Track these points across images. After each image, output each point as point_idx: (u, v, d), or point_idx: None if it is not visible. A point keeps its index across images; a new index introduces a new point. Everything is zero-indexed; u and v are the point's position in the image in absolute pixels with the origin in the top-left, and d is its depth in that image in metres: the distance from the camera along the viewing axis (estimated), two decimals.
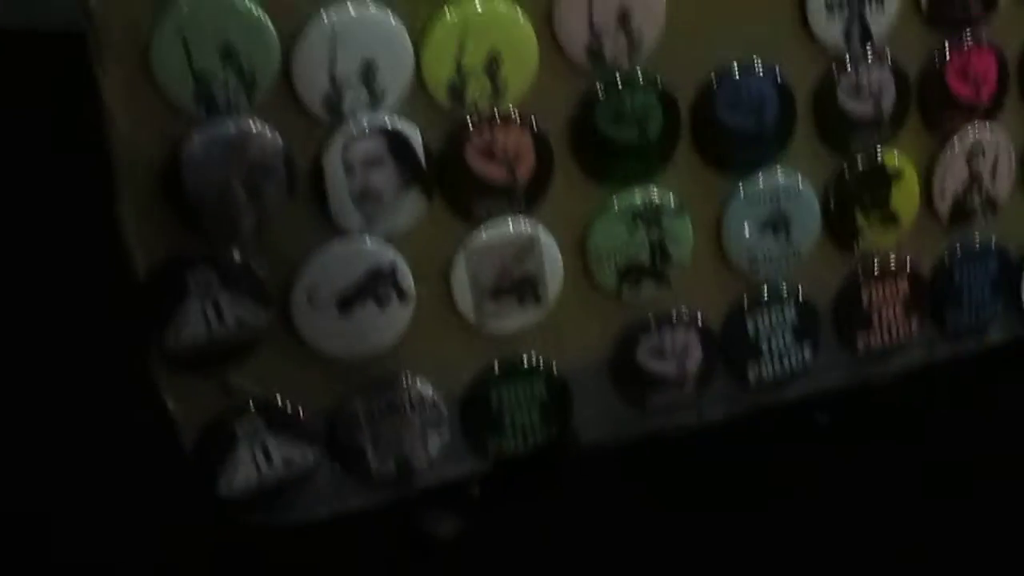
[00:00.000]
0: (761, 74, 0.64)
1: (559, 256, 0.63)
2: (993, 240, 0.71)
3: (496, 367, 0.64)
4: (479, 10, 0.59)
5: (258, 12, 0.56)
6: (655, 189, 0.64)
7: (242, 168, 0.57)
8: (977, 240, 0.71)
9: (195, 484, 0.62)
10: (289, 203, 0.59)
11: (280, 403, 0.62)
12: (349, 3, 0.57)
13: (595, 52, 0.61)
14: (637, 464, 0.67)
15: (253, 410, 0.61)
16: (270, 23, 0.56)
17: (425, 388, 0.63)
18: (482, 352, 0.64)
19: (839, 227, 0.67)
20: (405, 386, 0.63)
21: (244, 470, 0.62)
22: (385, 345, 0.62)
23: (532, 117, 0.61)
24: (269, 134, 0.57)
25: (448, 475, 0.65)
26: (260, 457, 0.62)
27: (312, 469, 0.63)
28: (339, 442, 0.63)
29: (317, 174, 0.59)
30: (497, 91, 0.60)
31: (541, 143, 0.61)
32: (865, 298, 0.69)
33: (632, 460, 0.68)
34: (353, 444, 0.63)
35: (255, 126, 0.57)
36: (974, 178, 0.69)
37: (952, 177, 0.69)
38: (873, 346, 0.70)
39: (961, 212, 0.70)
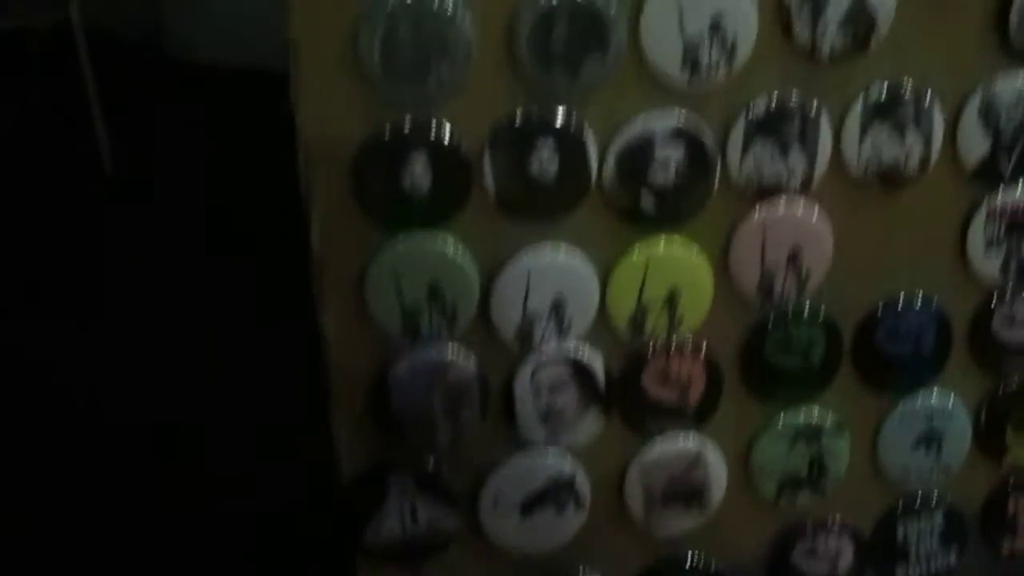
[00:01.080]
0: (920, 305, 0.68)
1: (724, 467, 0.69)
2: None
3: (660, 565, 0.70)
4: (662, 252, 0.64)
5: (463, 257, 0.62)
6: (816, 409, 0.69)
7: (441, 390, 0.64)
8: None
9: None
10: (481, 421, 0.65)
11: None
12: (543, 247, 0.63)
13: (766, 288, 0.66)
14: None
15: None
16: (474, 266, 0.62)
17: None
18: (648, 550, 0.70)
19: (989, 442, 0.72)
20: None
21: None
22: (561, 544, 0.68)
23: (705, 345, 0.67)
24: (466, 361, 0.64)
25: None
26: None
27: None
28: None
29: (507, 395, 0.65)
30: (674, 323, 0.66)
31: (712, 369, 0.67)
32: (1012, 506, 0.73)
33: None
34: None
35: (454, 354, 0.64)
36: None
37: None
38: (1017, 550, 0.74)
39: None
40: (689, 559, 0.70)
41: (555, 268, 0.64)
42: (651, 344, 0.66)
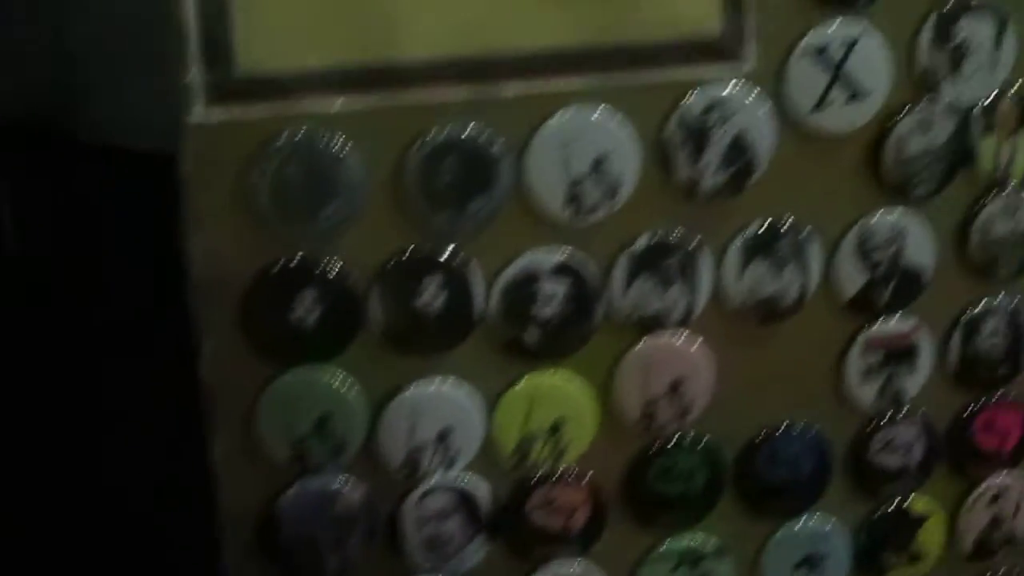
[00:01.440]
0: (800, 432, 0.70)
1: None
2: (1016, 571, 0.77)
3: None
4: (546, 383, 0.66)
5: (352, 390, 0.64)
6: (699, 534, 0.70)
7: (329, 520, 0.65)
8: (1000, 570, 0.77)
9: None
10: (369, 549, 0.66)
11: None
12: (430, 379, 0.64)
13: (648, 418, 0.68)
14: None
15: None
16: (362, 398, 0.64)
17: None
18: None
19: (868, 564, 0.74)
20: None
21: None
22: None
23: (589, 473, 0.68)
24: (354, 491, 0.65)
25: None
26: None
27: None
28: None
29: (394, 523, 0.66)
30: (559, 452, 0.67)
31: (596, 497, 0.68)
32: None
33: None
34: None
35: (342, 484, 0.65)
36: (996, 519, 0.75)
37: (976, 519, 0.75)
38: None
39: (984, 550, 0.75)
40: None
41: (442, 400, 0.65)
42: (536, 473, 0.67)
